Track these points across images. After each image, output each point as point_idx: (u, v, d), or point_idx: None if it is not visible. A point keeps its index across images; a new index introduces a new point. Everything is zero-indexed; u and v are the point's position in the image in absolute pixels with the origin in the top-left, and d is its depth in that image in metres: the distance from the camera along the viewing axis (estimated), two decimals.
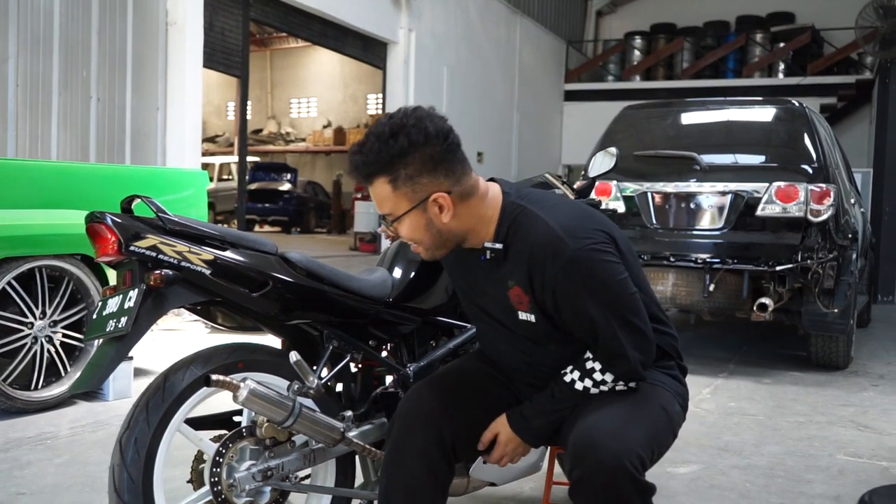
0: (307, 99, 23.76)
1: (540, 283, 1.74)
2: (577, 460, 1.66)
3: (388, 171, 1.70)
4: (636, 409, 1.76)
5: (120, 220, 1.86)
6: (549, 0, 16.82)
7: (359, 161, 1.73)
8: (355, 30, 10.78)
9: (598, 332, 1.73)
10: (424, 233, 1.77)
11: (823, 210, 5.01)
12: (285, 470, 2.01)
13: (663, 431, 1.80)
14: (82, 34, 6.97)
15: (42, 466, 3.11)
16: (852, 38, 12.90)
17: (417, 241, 1.80)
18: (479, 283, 1.91)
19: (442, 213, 1.74)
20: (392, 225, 1.80)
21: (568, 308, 1.74)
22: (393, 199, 1.73)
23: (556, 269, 1.70)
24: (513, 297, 1.82)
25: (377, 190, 1.74)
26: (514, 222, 1.77)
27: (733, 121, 6.01)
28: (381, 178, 1.72)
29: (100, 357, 1.87)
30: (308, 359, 2.02)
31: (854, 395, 4.78)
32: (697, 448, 3.58)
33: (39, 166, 4.56)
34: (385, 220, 1.82)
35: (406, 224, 1.76)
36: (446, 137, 1.71)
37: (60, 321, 3.94)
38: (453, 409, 1.87)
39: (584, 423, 1.70)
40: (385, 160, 1.69)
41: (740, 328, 7.23)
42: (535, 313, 1.80)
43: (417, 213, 1.74)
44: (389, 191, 1.72)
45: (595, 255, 1.71)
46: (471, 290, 1.96)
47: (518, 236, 1.76)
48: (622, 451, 1.62)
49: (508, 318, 1.88)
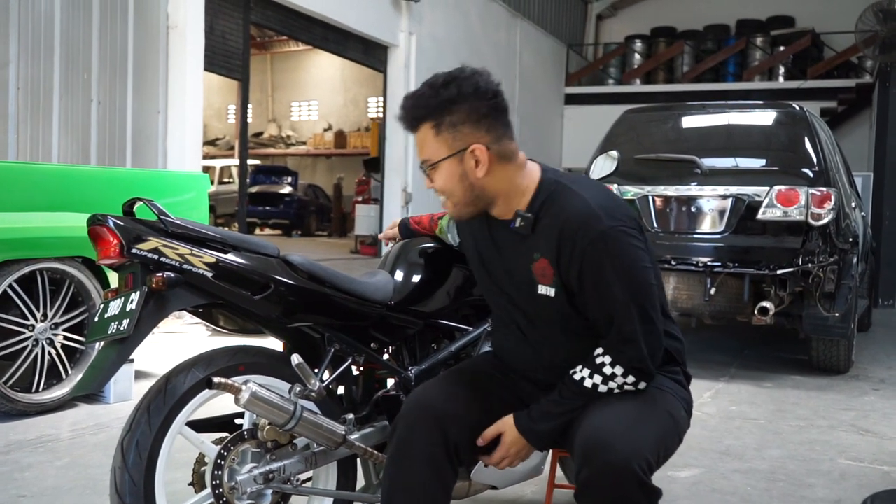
0: (308, 102, 23.78)
1: (569, 254, 1.75)
2: (585, 461, 1.65)
3: (434, 116, 1.78)
4: (644, 412, 1.76)
5: (122, 222, 1.86)
6: (550, 3, 16.84)
7: (409, 105, 1.81)
8: (356, 33, 10.78)
9: (616, 312, 1.74)
10: (457, 184, 1.81)
11: (824, 214, 5.01)
12: (287, 473, 2.01)
13: (670, 436, 1.80)
14: (83, 37, 6.98)
15: (43, 469, 3.11)
16: (852, 42, 12.91)
17: (449, 192, 1.83)
18: (502, 255, 1.91)
19: (477, 167, 1.79)
20: (428, 172, 1.84)
21: (591, 283, 1.75)
22: (433, 145, 1.80)
23: (587, 242, 1.72)
24: (536, 270, 1.82)
25: (421, 135, 1.81)
26: (549, 196, 1.81)
27: (734, 124, 6.01)
28: (427, 124, 1.79)
29: (101, 360, 1.87)
30: (310, 362, 2.02)
31: (855, 400, 4.77)
32: (699, 452, 3.58)
33: (41, 169, 4.57)
34: (423, 168, 1.86)
35: (442, 172, 1.81)
36: (495, 96, 1.79)
37: (61, 324, 3.94)
38: (458, 410, 1.86)
39: (592, 424, 1.70)
40: (433, 105, 1.77)
41: (741, 332, 7.22)
42: (557, 288, 1.80)
43: (454, 162, 1.79)
44: (432, 136, 1.79)
45: (626, 237, 1.75)
46: (490, 263, 1.95)
47: (552, 210, 1.79)
48: (631, 453, 1.62)
49: (525, 294, 1.87)
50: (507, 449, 1.88)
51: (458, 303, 2.37)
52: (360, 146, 20.96)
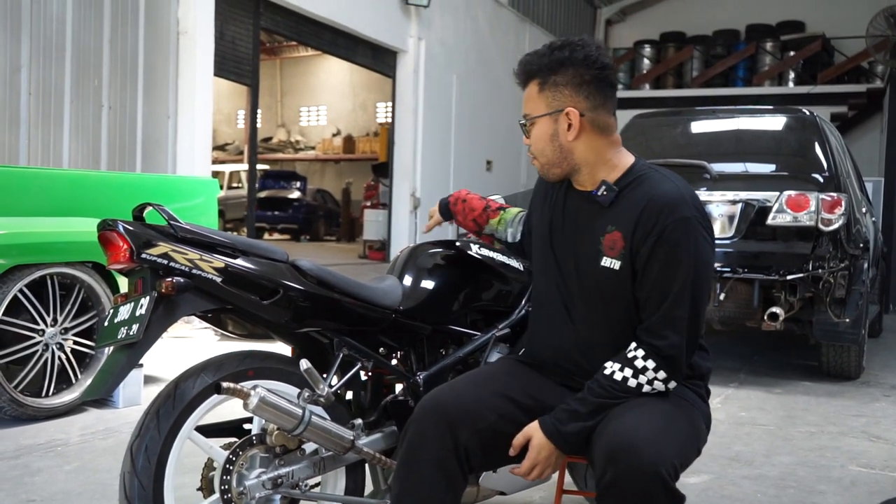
0: (317, 107, 23.84)
1: (648, 228, 1.80)
2: (611, 462, 1.64)
3: (541, 74, 1.88)
4: (670, 419, 1.76)
5: (132, 227, 1.87)
6: (559, 8, 16.85)
7: (524, 61, 1.92)
8: (365, 39, 10.81)
9: (672, 293, 1.78)
10: (548, 144, 1.89)
11: (834, 219, 4.98)
12: (295, 478, 2.01)
13: (690, 447, 1.81)
14: (94, 43, 7.02)
15: (52, 473, 3.12)
16: (863, 47, 12.87)
17: (539, 151, 1.92)
18: (573, 225, 1.94)
19: (569, 130, 1.87)
20: (526, 126, 1.92)
21: (662, 259, 1.79)
22: (535, 101, 1.90)
23: (671, 221, 1.79)
24: (606, 242, 1.86)
25: (528, 91, 1.92)
26: (638, 178, 1.88)
27: (743, 129, 6.00)
28: (535, 80, 1.89)
29: (111, 364, 1.88)
30: (318, 367, 2.03)
31: (866, 406, 4.75)
32: (708, 458, 3.56)
33: (51, 174, 4.60)
34: (522, 123, 1.94)
35: (536, 129, 1.90)
36: (603, 68, 1.87)
37: (71, 328, 3.95)
38: (469, 416, 1.84)
39: (618, 428, 1.70)
40: (543, 64, 1.87)
41: (751, 338, 7.19)
42: (623, 261, 1.84)
43: (549, 121, 1.88)
44: (536, 92, 1.89)
45: (703, 230, 1.82)
46: (556, 232, 1.98)
47: (638, 189, 1.86)
48: (659, 457, 1.62)
49: (586, 265, 1.90)
50: (536, 455, 1.83)
51: (466, 308, 2.37)
52: (368, 151, 21.00)
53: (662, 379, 1.80)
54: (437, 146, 12.18)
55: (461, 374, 2.15)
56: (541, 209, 2.07)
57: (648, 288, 1.81)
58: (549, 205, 2.03)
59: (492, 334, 2.33)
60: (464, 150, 12.86)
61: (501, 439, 1.88)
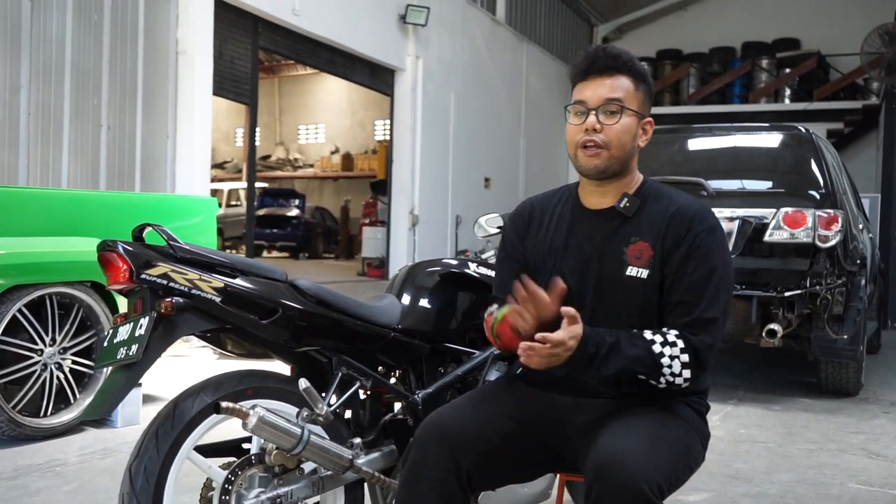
0: (315, 125, 23.91)
1: (680, 236, 1.86)
2: (597, 479, 1.65)
3: (635, 75, 1.92)
4: (660, 438, 1.76)
5: (131, 248, 1.88)
6: (556, 26, 16.95)
7: (615, 52, 1.92)
8: (363, 57, 10.87)
9: (706, 296, 1.83)
10: (627, 138, 1.91)
11: (831, 236, 5.00)
12: (294, 497, 2.01)
13: (682, 467, 1.80)
14: (93, 63, 7.05)
15: (51, 494, 3.11)
16: (858, 64, 12.94)
17: (619, 142, 1.89)
18: (586, 241, 1.94)
19: (642, 136, 1.95)
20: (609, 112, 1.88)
21: (696, 264, 1.85)
22: (630, 94, 1.91)
23: (703, 229, 1.87)
24: (631, 252, 1.89)
25: (617, 80, 1.90)
26: (654, 192, 1.96)
27: (740, 146, 6.02)
28: (629, 75, 1.91)
29: (110, 384, 1.88)
30: (317, 386, 2.03)
31: (865, 423, 4.74)
32: (708, 476, 3.55)
33: (50, 194, 4.61)
34: (602, 107, 1.88)
35: (624, 119, 1.89)
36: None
37: (70, 348, 3.95)
38: (472, 438, 1.84)
39: (607, 445, 1.70)
40: (639, 68, 1.93)
41: (749, 354, 7.19)
42: (651, 270, 1.87)
43: (635, 119, 1.91)
44: (632, 87, 1.91)
45: (724, 237, 1.93)
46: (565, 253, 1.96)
47: (659, 201, 1.93)
48: (643, 475, 1.62)
49: (608, 279, 1.90)
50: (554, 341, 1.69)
51: (464, 326, 2.38)
52: (367, 169, 21.04)
53: (686, 377, 1.80)
54: (435, 164, 12.21)
55: (461, 394, 2.14)
56: (536, 238, 2.03)
57: (681, 292, 1.85)
58: (548, 232, 2.01)
59: (490, 352, 2.33)
60: (462, 168, 12.90)
61: (503, 460, 1.88)
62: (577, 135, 1.91)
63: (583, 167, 1.92)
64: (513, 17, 14.86)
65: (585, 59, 1.92)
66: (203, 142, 7.99)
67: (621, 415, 1.83)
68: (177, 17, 7.79)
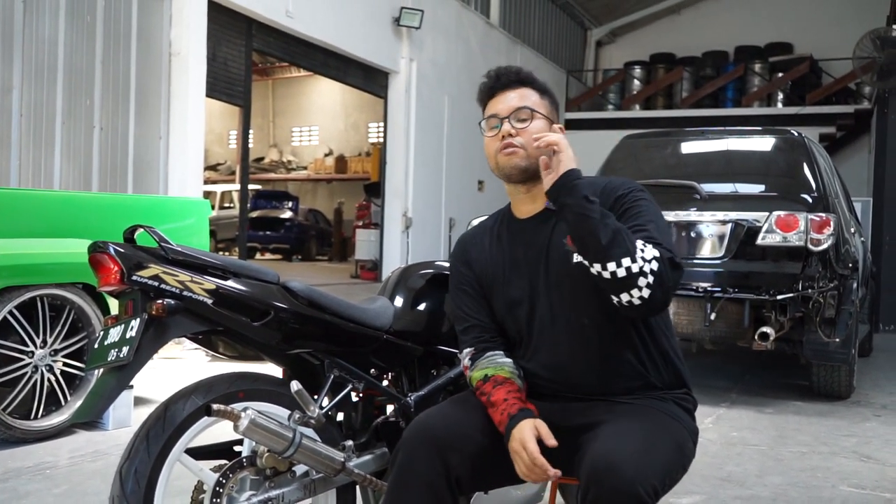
0: (309, 127, 23.91)
1: (610, 204, 1.87)
2: (592, 482, 1.65)
3: (538, 87, 2.00)
4: (653, 439, 1.76)
5: (122, 249, 1.87)
6: (549, 30, 16.99)
7: (516, 69, 2.01)
8: (357, 59, 10.87)
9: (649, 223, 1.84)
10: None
11: (824, 239, 5.01)
12: (286, 500, 2.00)
13: (675, 466, 1.80)
14: (86, 64, 7.03)
15: (41, 497, 3.09)
16: (850, 69, 12.99)
17: (529, 142, 1.92)
18: (527, 248, 1.97)
19: None
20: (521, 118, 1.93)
21: (633, 214, 1.86)
22: (537, 101, 1.97)
23: (629, 191, 1.91)
24: (571, 242, 1.87)
25: (521, 91, 1.98)
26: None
27: (733, 150, 6.04)
28: (531, 87, 1.99)
29: (101, 387, 1.87)
30: (309, 388, 2.02)
31: (857, 426, 4.76)
32: (700, 478, 3.56)
33: (42, 196, 4.59)
34: (514, 115, 1.94)
35: (537, 123, 1.95)
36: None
37: (61, 350, 3.93)
38: (460, 440, 1.84)
39: (601, 448, 1.70)
40: (539, 82, 2.02)
41: (742, 357, 7.21)
42: None
43: (546, 123, 1.97)
44: (537, 95, 1.99)
45: (653, 200, 1.94)
46: (511, 268, 1.99)
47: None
48: (638, 477, 1.62)
49: (557, 275, 1.92)
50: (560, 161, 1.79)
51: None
52: (360, 171, 21.05)
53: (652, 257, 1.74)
54: (428, 166, 12.22)
55: (452, 396, 2.14)
56: (481, 262, 2.05)
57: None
58: (491, 252, 2.04)
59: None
60: (455, 171, 12.91)
61: (490, 462, 1.88)
62: (494, 144, 1.97)
63: (504, 168, 1.96)
64: (507, 21, 14.88)
65: (489, 79, 2.01)
66: (196, 143, 7.97)
67: (612, 417, 1.83)
68: (170, 18, 7.78)
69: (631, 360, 1.90)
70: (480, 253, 2.07)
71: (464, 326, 2.06)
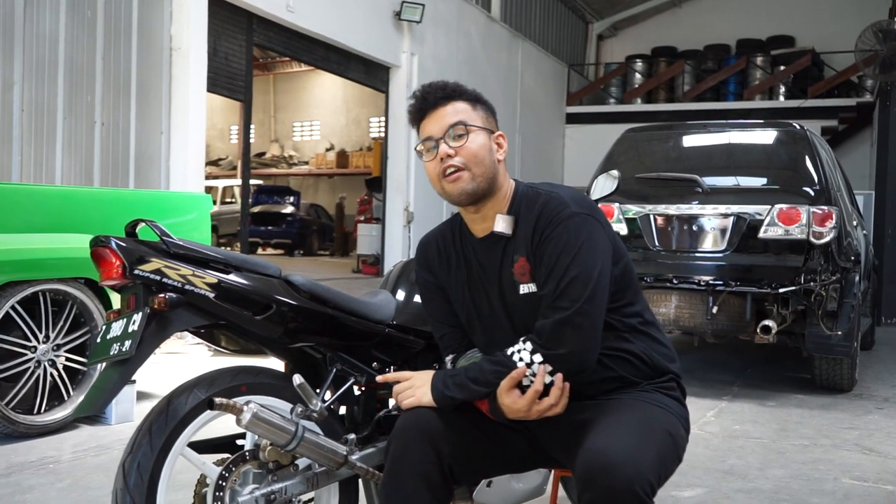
0: (310, 122, 23.88)
1: (539, 240, 1.84)
2: (587, 484, 1.65)
3: (469, 99, 1.93)
4: (645, 433, 1.76)
5: (124, 244, 1.87)
6: (551, 24, 16.95)
7: (441, 84, 1.94)
8: (358, 54, 10.85)
9: (563, 286, 1.78)
10: (487, 154, 1.89)
11: (826, 232, 5.01)
12: (288, 494, 2.00)
13: (670, 457, 1.80)
14: (87, 59, 7.03)
15: (44, 491, 3.10)
16: (853, 62, 12.96)
17: (479, 160, 1.87)
18: (481, 270, 1.97)
19: (499, 150, 1.93)
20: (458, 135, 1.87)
21: (550, 256, 1.81)
22: (470, 113, 1.91)
23: (556, 224, 1.83)
24: (517, 271, 1.88)
25: (453, 106, 1.90)
26: (526, 200, 1.92)
27: (735, 143, 6.03)
28: (462, 100, 1.92)
29: (103, 381, 1.87)
30: (311, 382, 2.02)
31: (859, 419, 4.76)
32: (702, 471, 3.56)
33: (44, 191, 4.59)
34: (450, 133, 1.88)
35: (476, 138, 1.89)
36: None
37: (63, 345, 3.94)
38: (451, 429, 1.86)
39: (595, 445, 1.70)
40: (469, 92, 1.94)
41: (744, 350, 7.21)
42: (536, 281, 1.86)
43: (486, 135, 1.91)
44: (469, 108, 1.91)
45: (590, 222, 1.84)
46: (473, 288, 1.99)
47: (529, 210, 1.89)
48: (634, 475, 1.62)
49: (509, 299, 1.91)
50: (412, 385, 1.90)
51: None
52: (361, 166, 21.01)
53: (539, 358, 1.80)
54: None
55: None
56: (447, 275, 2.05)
57: (546, 285, 1.82)
58: (450, 269, 2.03)
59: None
60: None
61: (482, 453, 1.91)
62: (436, 168, 1.89)
63: (451, 195, 1.90)
64: (508, 15, 14.85)
65: (416, 101, 1.94)
66: (197, 138, 7.97)
67: (604, 412, 1.83)
68: (171, 13, 7.77)
69: (597, 369, 1.87)
70: (444, 267, 2.05)
71: (440, 334, 2.09)
